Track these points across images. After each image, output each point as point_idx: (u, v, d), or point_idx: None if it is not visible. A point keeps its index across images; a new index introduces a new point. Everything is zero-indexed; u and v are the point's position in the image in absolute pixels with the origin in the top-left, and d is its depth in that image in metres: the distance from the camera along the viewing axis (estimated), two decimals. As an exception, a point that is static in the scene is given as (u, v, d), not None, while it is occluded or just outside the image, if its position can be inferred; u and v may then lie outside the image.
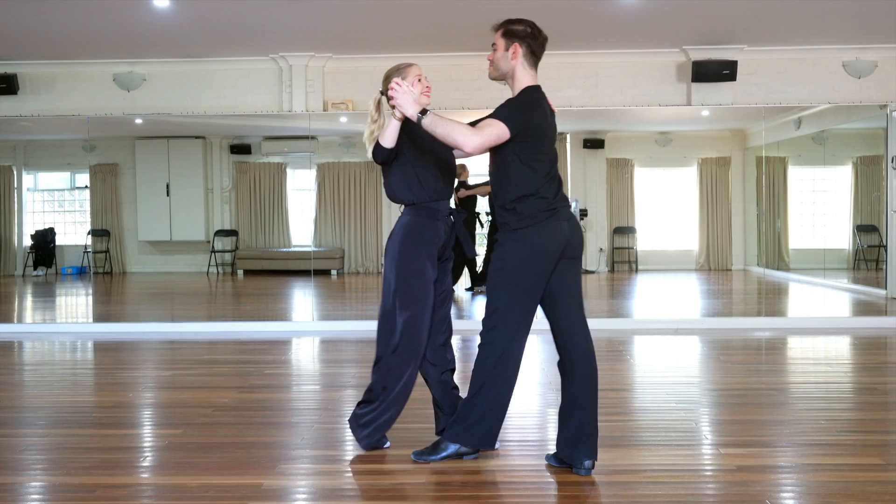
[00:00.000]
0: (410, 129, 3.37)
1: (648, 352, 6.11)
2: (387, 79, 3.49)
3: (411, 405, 3.38)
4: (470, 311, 8.66)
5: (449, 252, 3.57)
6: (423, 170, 3.45)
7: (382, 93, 3.48)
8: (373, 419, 3.47)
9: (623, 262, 12.33)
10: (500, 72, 3.30)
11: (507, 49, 3.26)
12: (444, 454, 3.36)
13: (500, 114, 3.19)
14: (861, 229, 10.71)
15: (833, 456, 3.44)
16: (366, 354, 6.11)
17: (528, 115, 3.20)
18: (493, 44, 3.32)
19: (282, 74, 8.76)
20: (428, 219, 3.46)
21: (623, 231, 12.39)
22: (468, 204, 9.22)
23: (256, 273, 12.21)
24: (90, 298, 10.59)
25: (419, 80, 3.44)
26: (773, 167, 11.41)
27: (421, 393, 3.63)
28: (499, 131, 3.15)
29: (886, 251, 8.77)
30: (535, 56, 3.28)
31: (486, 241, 10.14)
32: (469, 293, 9.72)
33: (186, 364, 5.80)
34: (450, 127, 3.15)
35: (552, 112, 3.36)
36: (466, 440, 3.33)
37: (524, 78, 3.27)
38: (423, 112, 3.18)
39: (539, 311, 3.30)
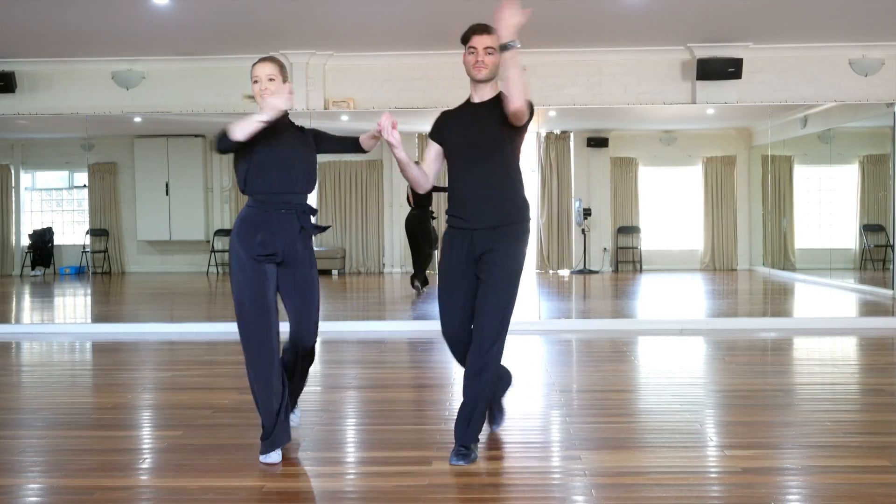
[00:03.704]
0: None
1: (653, 352, 6.07)
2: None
3: (405, 406, 3.32)
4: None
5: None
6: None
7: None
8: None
9: (627, 261, 12.29)
10: (495, 74, 3.37)
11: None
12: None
13: None
14: (868, 229, 10.66)
15: (839, 458, 3.40)
16: (367, 355, 6.07)
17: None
18: (489, 47, 3.35)
19: (283, 73, 8.72)
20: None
21: (627, 231, 12.34)
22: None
23: (257, 273, 12.13)
24: (89, 299, 10.56)
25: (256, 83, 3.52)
26: (779, 166, 11.36)
27: (412, 394, 3.59)
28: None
29: (893, 251, 8.73)
30: None
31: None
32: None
33: (186, 365, 5.76)
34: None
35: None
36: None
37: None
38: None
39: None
